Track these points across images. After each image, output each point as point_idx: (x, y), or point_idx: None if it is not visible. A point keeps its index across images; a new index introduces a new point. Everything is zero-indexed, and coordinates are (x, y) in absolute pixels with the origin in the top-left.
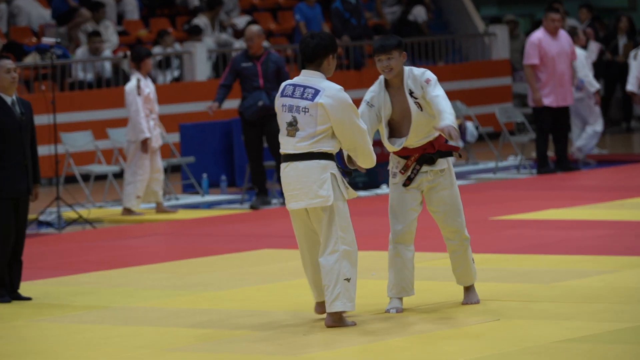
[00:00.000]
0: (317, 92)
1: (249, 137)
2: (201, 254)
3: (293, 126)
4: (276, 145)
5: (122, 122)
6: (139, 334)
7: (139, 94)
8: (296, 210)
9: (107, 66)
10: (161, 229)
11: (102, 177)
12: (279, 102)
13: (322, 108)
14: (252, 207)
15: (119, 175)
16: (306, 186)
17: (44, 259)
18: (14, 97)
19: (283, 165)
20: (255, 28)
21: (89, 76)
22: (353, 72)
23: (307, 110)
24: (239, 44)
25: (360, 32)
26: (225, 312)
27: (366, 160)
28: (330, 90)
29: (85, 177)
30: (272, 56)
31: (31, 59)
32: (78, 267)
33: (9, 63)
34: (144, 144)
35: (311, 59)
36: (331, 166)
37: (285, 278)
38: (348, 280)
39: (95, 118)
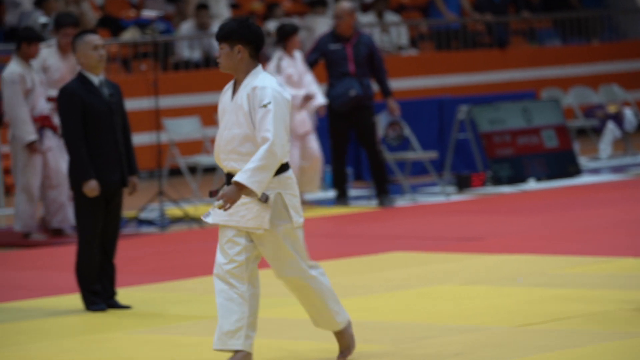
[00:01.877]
0: None
1: (336, 130)
2: (322, 257)
3: None
4: (369, 139)
5: None
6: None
7: (278, 72)
8: None
9: (216, 44)
10: None
11: (210, 170)
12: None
13: None
14: (381, 205)
15: None
16: None
17: (144, 262)
18: (101, 78)
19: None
20: (346, 5)
21: (196, 55)
22: (496, 51)
23: None
24: (368, 19)
25: (504, 7)
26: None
27: None
28: None
29: (192, 169)
30: (364, 38)
31: (130, 35)
32: (183, 272)
33: (96, 39)
34: None
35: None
36: None
37: (417, 284)
38: None
39: (202, 102)
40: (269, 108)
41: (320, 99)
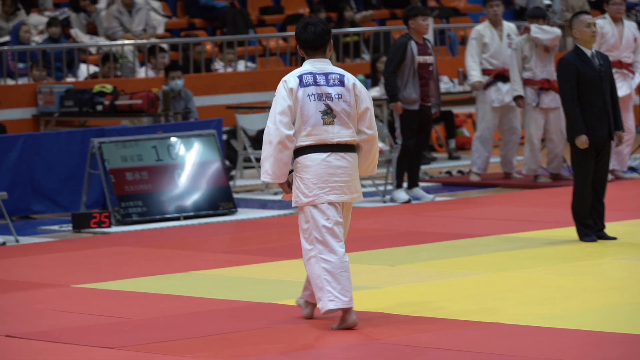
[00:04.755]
0: (342, 76)
1: None
2: None
3: (329, 114)
4: None
5: None
6: None
7: None
8: (335, 203)
9: None
10: None
11: None
12: (300, 92)
13: (354, 90)
14: None
15: None
16: (352, 179)
17: (629, 202)
18: (593, 51)
19: (323, 155)
20: None
21: None
22: None
23: (340, 96)
24: None
25: None
26: None
27: (372, 164)
28: (351, 76)
29: None
30: None
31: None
32: None
33: (589, 18)
34: None
35: (316, 46)
36: None
37: None
38: None
39: None
40: None
41: None
